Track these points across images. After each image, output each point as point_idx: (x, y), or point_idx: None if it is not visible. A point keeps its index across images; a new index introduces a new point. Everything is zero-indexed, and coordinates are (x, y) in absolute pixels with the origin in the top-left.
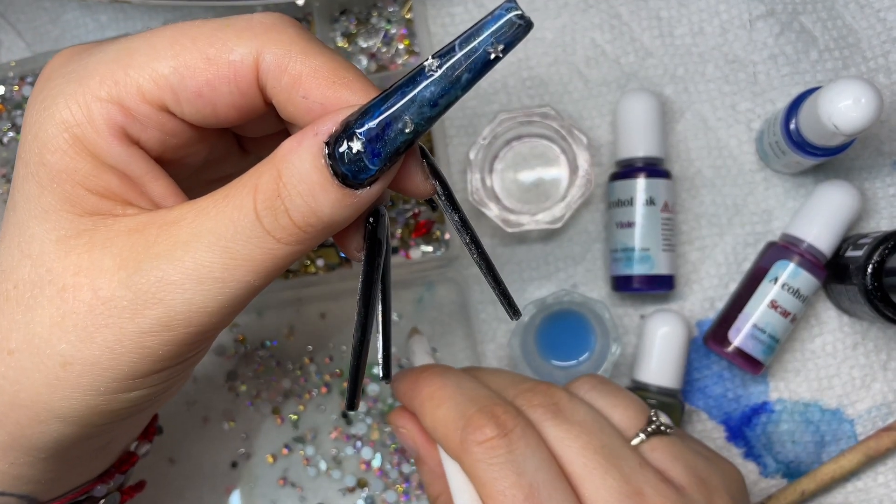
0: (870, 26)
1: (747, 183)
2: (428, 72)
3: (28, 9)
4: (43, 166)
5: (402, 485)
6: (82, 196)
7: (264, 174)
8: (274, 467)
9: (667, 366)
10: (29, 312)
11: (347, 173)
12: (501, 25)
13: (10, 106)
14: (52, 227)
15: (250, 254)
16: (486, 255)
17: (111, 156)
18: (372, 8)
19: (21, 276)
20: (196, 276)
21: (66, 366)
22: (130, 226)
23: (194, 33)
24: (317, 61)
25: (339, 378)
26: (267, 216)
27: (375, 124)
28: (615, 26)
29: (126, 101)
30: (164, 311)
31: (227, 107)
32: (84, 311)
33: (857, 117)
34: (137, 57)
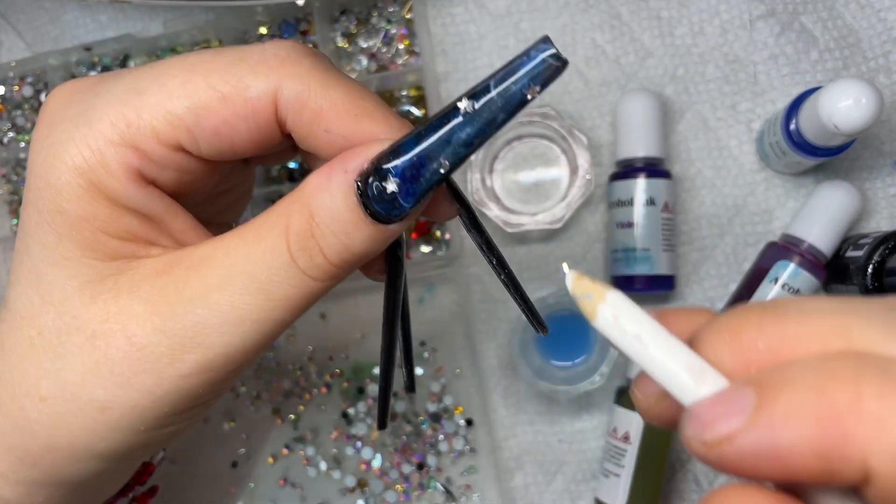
0: (870, 26)
1: (748, 183)
2: (463, 112)
3: (28, 9)
4: (60, 214)
5: (403, 485)
6: (103, 241)
7: (294, 214)
8: (274, 467)
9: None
10: (58, 360)
11: (381, 211)
12: (538, 67)
13: (10, 106)
14: (74, 274)
15: (286, 294)
16: (512, 276)
17: (129, 199)
18: (372, 8)
19: (45, 323)
20: (234, 318)
21: (104, 410)
22: (156, 267)
23: (206, 69)
24: (336, 93)
25: (339, 378)
26: (301, 257)
27: (410, 165)
28: (615, 26)
29: (141, 144)
30: (204, 354)
31: (244, 142)
32: (120, 358)
33: (857, 117)
34: (149, 97)
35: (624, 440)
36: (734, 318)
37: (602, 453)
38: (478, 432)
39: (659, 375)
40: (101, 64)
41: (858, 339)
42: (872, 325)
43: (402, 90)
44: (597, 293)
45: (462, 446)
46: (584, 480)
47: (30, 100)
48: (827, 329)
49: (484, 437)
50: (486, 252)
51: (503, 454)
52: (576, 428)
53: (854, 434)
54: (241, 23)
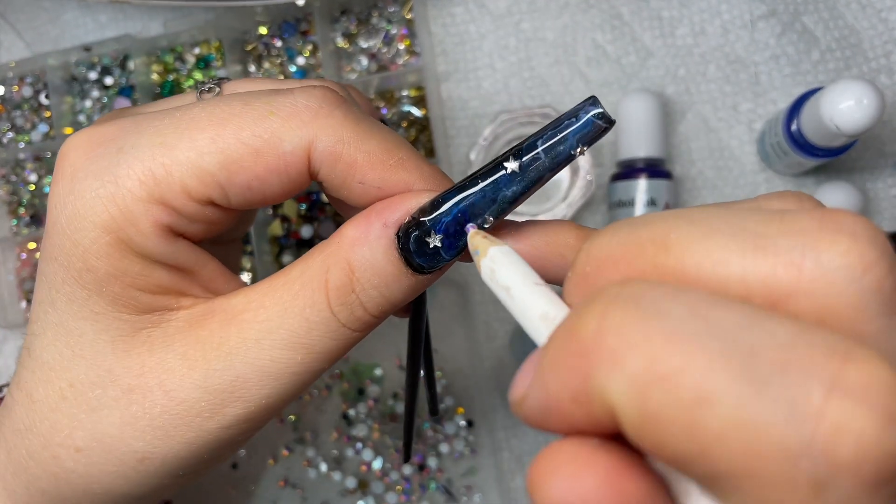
0: (871, 27)
1: (749, 184)
2: (511, 172)
3: (28, 9)
4: (89, 272)
5: (403, 486)
6: (135, 296)
7: (333, 268)
8: (275, 469)
9: None
10: (94, 413)
11: (422, 264)
12: (586, 127)
13: (9, 106)
14: (105, 328)
15: (326, 347)
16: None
17: (159, 253)
18: (372, 8)
19: (76, 376)
20: (273, 373)
21: (143, 461)
22: (189, 320)
23: (237, 123)
24: (369, 145)
25: (339, 379)
26: (342, 311)
27: (454, 221)
28: (616, 26)
29: (171, 201)
30: (244, 407)
31: (275, 194)
32: (158, 412)
33: (858, 118)
34: (178, 154)
35: None
36: (584, 248)
37: None
38: (478, 433)
39: (523, 325)
40: (100, 64)
41: (675, 245)
42: (695, 227)
43: (403, 90)
44: (483, 249)
45: (463, 447)
46: None
47: (29, 100)
48: (645, 239)
49: (485, 437)
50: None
51: (504, 455)
52: None
53: (594, 373)
54: (241, 23)
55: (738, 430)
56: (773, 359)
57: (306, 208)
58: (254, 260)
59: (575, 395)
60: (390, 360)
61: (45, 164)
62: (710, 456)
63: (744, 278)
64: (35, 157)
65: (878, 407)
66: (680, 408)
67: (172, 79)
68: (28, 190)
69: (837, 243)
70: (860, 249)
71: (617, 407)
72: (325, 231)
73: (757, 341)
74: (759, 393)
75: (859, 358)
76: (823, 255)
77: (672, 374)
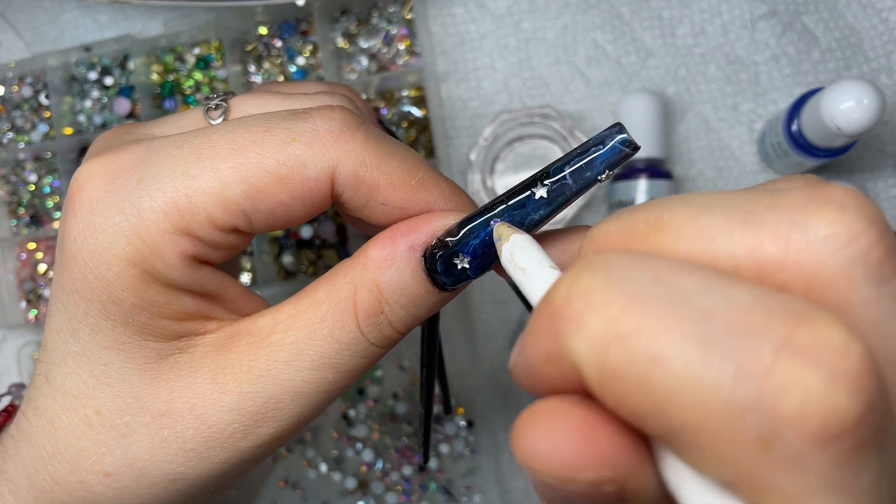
0: (872, 27)
1: (749, 184)
2: (538, 198)
3: (27, 9)
4: (113, 304)
5: (403, 486)
6: (161, 325)
7: (361, 289)
8: (274, 469)
9: None
10: (123, 439)
11: (449, 283)
12: (613, 156)
13: (9, 106)
14: (131, 357)
15: (356, 365)
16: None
17: (184, 282)
18: (372, 8)
19: (103, 403)
20: (305, 393)
21: (175, 482)
22: (216, 344)
23: (259, 151)
24: (391, 167)
25: None
26: (372, 332)
27: (482, 244)
28: (616, 26)
29: (195, 231)
30: (276, 426)
31: (299, 218)
32: (191, 436)
33: (859, 118)
34: (201, 184)
35: None
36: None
37: None
38: (478, 433)
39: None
40: (100, 64)
41: (667, 224)
42: (687, 206)
43: (403, 90)
44: (506, 235)
45: (463, 448)
46: None
47: (29, 100)
48: (640, 220)
49: (485, 438)
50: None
51: (504, 455)
52: None
53: (562, 334)
54: (241, 23)
55: (688, 387)
56: (729, 321)
57: None
58: (253, 260)
59: (548, 357)
60: (390, 360)
61: (45, 164)
62: (664, 412)
63: (732, 253)
64: (35, 157)
65: (826, 366)
66: (635, 366)
67: (172, 79)
68: (28, 190)
69: (824, 214)
70: (846, 219)
71: (580, 365)
72: (324, 231)
73: (714, 304)
74: (710, 352)
75: (814, 319)
76: (810, 226)
77: (629, 334)
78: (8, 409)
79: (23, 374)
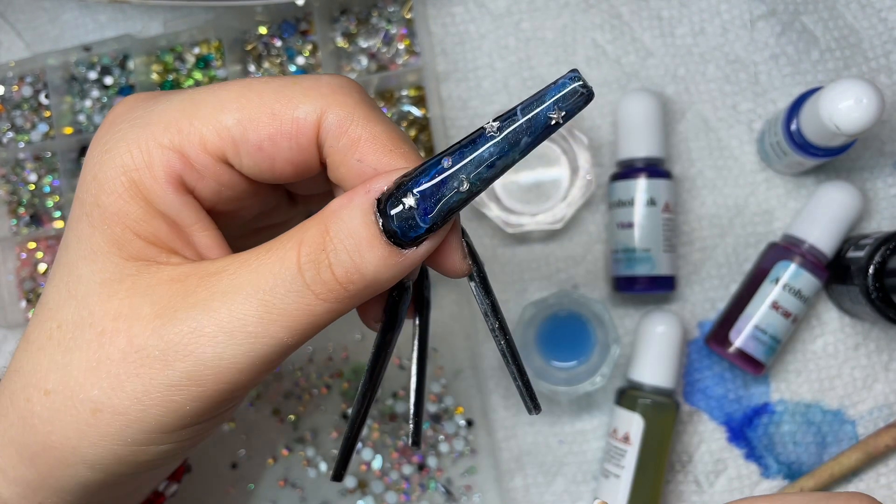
0: (871, 26)
1: (748, 183)
2: (489, 134)
3: (27, 9)
4: (97, 207)
5: (403, 485)
6: (130, 240)
7: (311, 228)
8: (274, 468)
9: (662, 366)
10: (68, 354)
11: (397, 230)
12: (565, 94)
13: (9, 106)
14: (99, 269)
15: (287, 308)
16: (512, 344)
17: (165, 202)
18: (372, 8)
19: (65, 317)
20: (229, 328)
21: (95, 412)
22: (173, 275)
23: (260, 88)
24: (377, 128)
25: (339, 379)
26: (309, 269)
27: (430, 182)
28: (616, 26)
29: (187, 150)
30: (194, 364)
31: (284, 162)
32: (118, 359)
33: (858, 118)
34: (203, 108)
35: (624, 441)
36: None
37: (602, 454)
38: (478, 433)
39: None
40: (100, 64)
41: None
42: None
43: (402, 90)
44: None
45: (462, 447)
46: (585, 481)
47: (29, 100)
48: None
49: (484, 437)
50: (489, 316)
51: (503, 455)
52: (576, 429)
53: None
54: (241, 23)
55: None
56: None
57: None
58: None
59: None
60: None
61: (45, 163)
62: None
63: None
64: (35, 156)
65: None
66: None
67: (172, 79)
68: (28, 190)
69: None
70: None
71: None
72: None
73: None
74: None
75: None
76: None
77: None
78: None
79: None
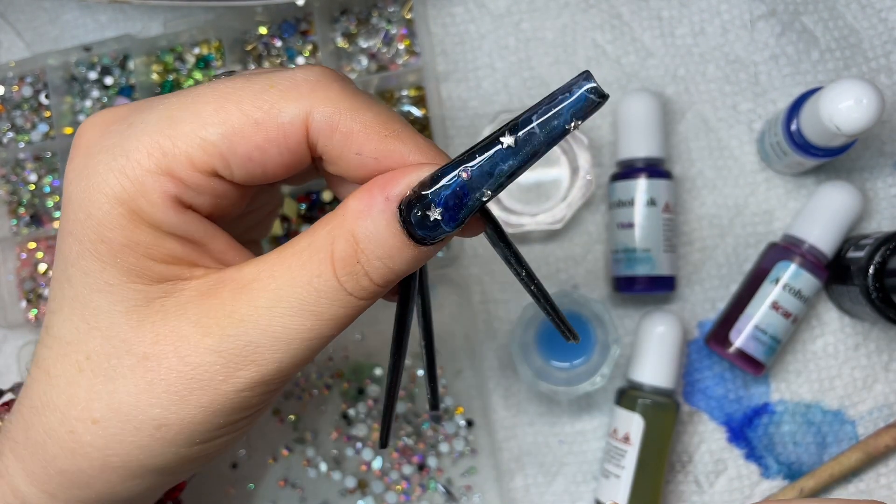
0: (871, 26)
1: (748, 183)
2: (506, 147)
3: (27, 9)
4: (103, 243)
5: (403, 485)
6: (148, 266)
7: (339, 240)
8: (274, 468)
9: (662, 366)
10: (110, 383)
11: (424, 236)
12: (579, 102)
13: (9, 106)
14: (120, 300)
15: (335, 314)
16: (542, 287)
17: (169, 224)
18: (372, 8)
19: (93, 348)
20: (285, 339)
21: (160, 428)
22: (201, 289)
23: (238, 96)
24: (366, 116)
25: (340, 379)
26: (348, 281)
27: (453, 195)
28: (616, 26)
29: (177, 172)
30: (258, 370)
31: (276, 166)
32: (174, 378)
33: (858, 118)
34: (183, 126)
35: (624, 441)
36: None
37: (602, 454)
38: (478, 433)
39: None
40: (100, 64)
41: None
42: None
43: (403, 90)
44: None
45: (462, 447)
46: (585, 481)
47: (29, 100)
48: None
49: (484, 437)
50: (515, 266)
51: (503, 455)
52: (576, 429)
53: None
54: (241, 23)
55: None
56: None
57: (306, 208)
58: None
59: None
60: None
61: (45, 163)
62: None
63: None
64: (35, 156)
65: None
66: None
67: (172, 79)
68: (28, 190)
69: None
70: None
71: None
72: None
73: None
74: None
75: None
76: None
77: None
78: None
79: (23, 374)
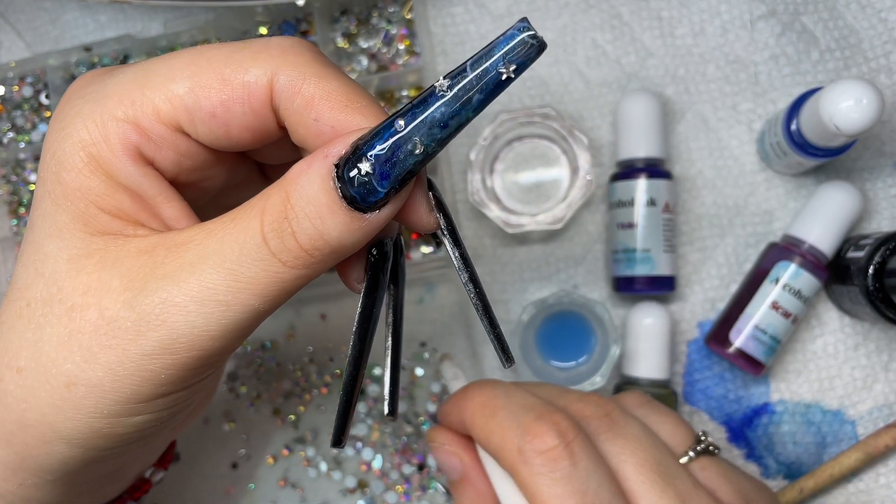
0: (871, 27)
1: (748, 184)
2: (439, 92)
3: (28, 9)
4: (59, 184)
5: (403, 485)
6: (95, 215)
7: (272, 196)
8: (274, 468)
9: (654, 357)
10: (39, 331)
11: (356, 196)
12: (514, 45)
13: (9, 106)
14: (65, 246)
15: (255, 276)
16: (483, 296)
17: (125, 175)
18: (372, 8)
19: (34, 295)
20: (200, 298)
21: (70, 386)
22: (140, 247)
23: (211, 55)
24: (331, 85)
25: (339, 379)
26: (273, 238)
27: (385, 146)
28: (616, 26)
29: (142, 121)
30: (167, 333)
31: (240, 128)
32: (89, 331)
33: (858, 118)
34: (154, 77)
35: None
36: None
37: None
38: None
39: None
40: (100, 64)
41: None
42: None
43: (403, 90)
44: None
45: None
46: None
47: (29, 100)
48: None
49: None
50: (460, 268)
51: None
52: None
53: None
54: (241, 23)
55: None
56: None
57: None
58: None
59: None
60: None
61: None
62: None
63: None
64: (35, 157)
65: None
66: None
67: None
68: (28, 190)
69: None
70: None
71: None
72: None
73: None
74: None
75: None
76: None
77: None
78: None
79: None
